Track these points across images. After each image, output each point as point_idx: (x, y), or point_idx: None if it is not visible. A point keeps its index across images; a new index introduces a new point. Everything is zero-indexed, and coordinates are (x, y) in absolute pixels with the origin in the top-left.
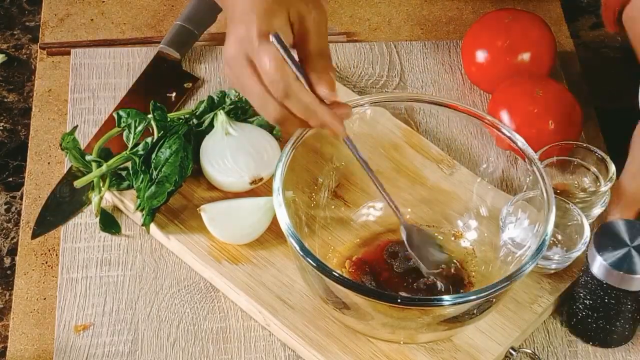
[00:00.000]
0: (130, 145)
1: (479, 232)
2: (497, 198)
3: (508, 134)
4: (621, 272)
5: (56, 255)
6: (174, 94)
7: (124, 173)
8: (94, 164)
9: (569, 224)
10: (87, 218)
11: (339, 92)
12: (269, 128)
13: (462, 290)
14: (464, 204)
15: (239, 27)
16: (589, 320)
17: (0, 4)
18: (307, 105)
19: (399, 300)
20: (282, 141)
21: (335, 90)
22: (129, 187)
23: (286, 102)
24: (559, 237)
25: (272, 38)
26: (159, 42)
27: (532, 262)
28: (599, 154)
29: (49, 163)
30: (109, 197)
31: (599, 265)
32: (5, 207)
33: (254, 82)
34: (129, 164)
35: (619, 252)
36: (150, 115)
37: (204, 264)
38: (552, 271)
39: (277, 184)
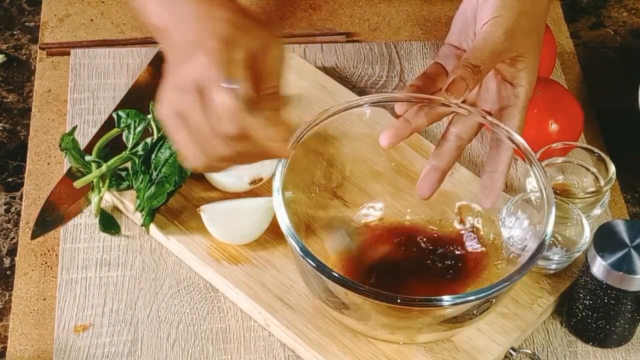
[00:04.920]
0: (129, 146)
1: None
2: None
3: (508, 134)
4: (621, 273)
5: (56, 255)
6: None
7: (123, 173)
8: (93, 165)
9: (569, 224)
10: (87, 218)
11: (339, 93)
12: None
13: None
14: (464, 204)
15: (197, 54)
16: (589, 320)
17: (0, 4)
18: (264, 142)
19: (398, 301)
20: None
21: (288, 133)
22: (129, 187)
23: (238, 139)
24: (559, 237)
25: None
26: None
27: (531, 263)
28: (598, 154)
29: (48, 163)
30: (108, 198)
31: (598, 266)
32: (5, 207)
33: (200, 114)
34: (128, 165)
35: (619, 253)
36: (150, 116)
37: (203, 265)
38: (552, 271)
39: (277, 184)
